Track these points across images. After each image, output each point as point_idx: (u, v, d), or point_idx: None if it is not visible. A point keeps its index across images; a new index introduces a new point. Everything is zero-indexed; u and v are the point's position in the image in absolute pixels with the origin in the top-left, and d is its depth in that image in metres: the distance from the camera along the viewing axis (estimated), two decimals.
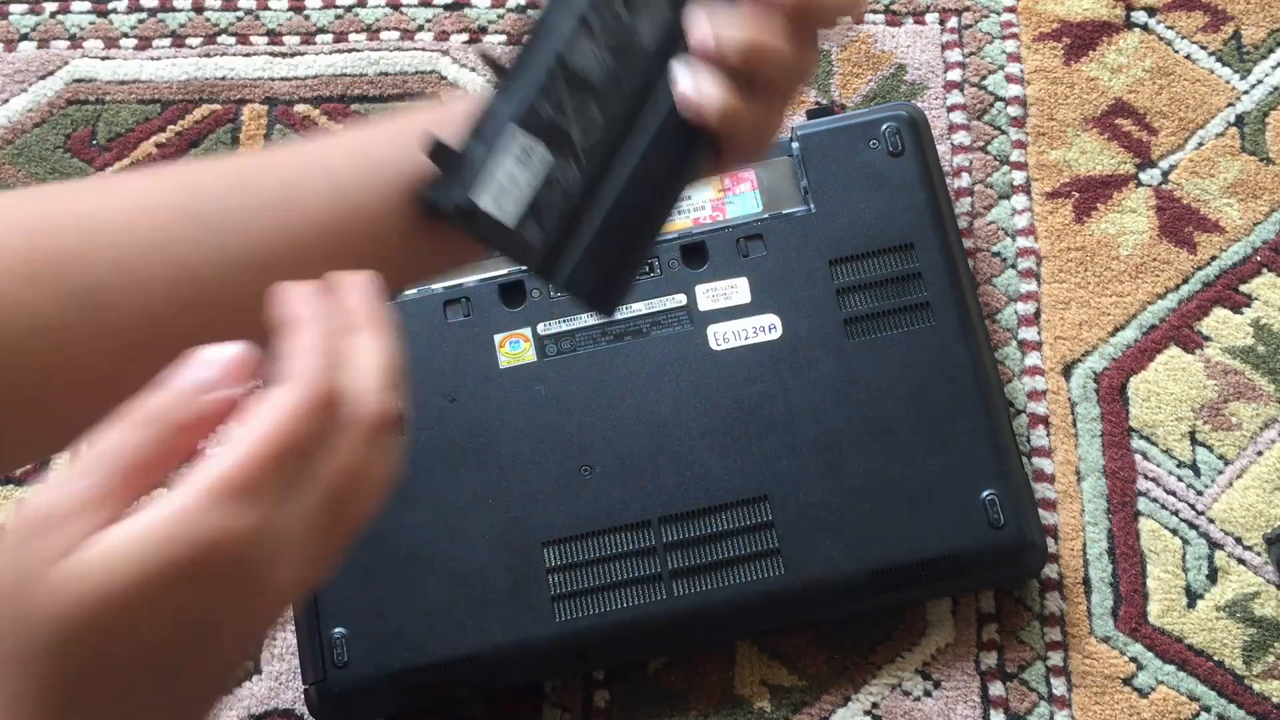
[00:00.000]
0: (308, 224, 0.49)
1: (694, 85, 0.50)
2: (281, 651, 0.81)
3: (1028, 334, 0.85)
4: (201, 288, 0.48)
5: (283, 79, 0.95)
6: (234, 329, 0.48)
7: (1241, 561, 0.80)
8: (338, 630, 0.76)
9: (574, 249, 0.50)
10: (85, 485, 0.38)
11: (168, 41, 0.96)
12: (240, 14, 0.97)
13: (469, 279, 0.83)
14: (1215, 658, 0.78)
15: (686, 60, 0.51)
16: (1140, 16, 0.93)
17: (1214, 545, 0.80)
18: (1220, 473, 0.82)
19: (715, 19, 0.50)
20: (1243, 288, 0.86)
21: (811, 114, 0.88)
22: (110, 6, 0.97)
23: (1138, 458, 0.82)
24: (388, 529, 0.78)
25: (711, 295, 0.82)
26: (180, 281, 0.48)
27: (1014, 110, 0.91)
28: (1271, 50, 0.92)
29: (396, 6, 0.97)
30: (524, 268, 0.51)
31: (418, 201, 0.50)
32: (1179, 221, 0.88)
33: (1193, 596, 0.80)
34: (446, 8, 0.96)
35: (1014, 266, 0.87)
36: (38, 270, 0.46)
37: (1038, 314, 0.86)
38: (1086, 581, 0.80)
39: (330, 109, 0.94)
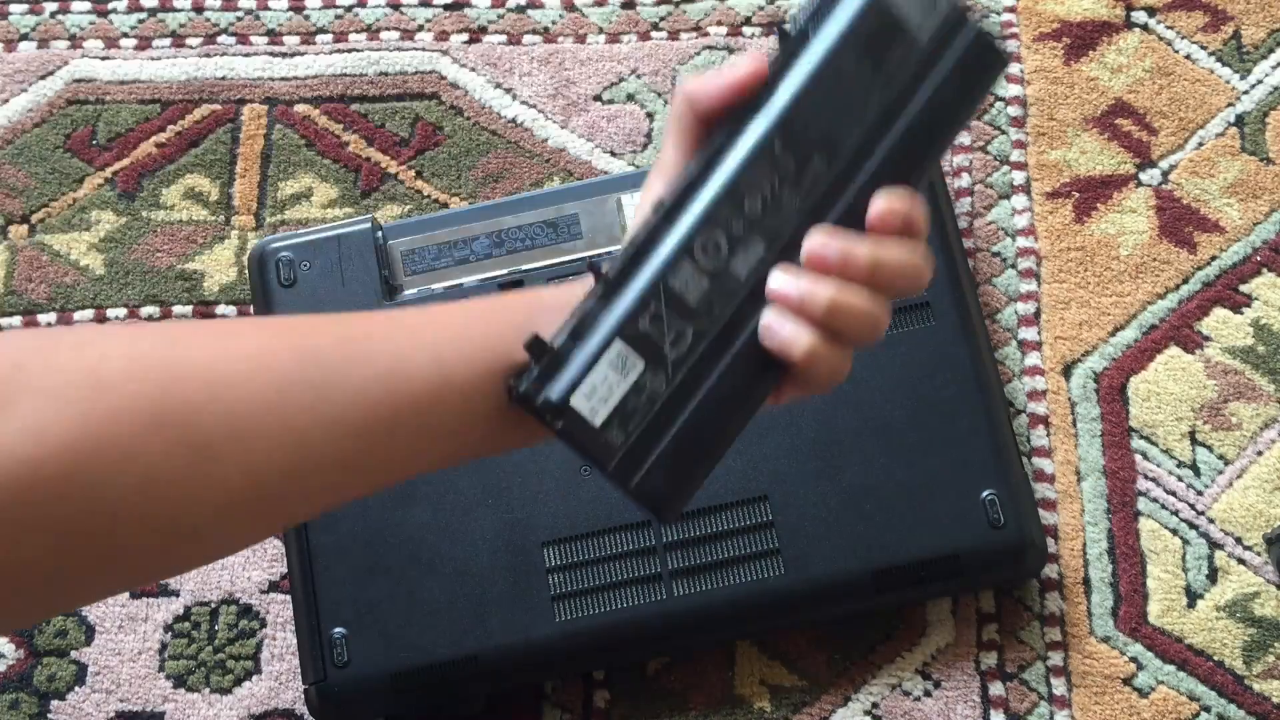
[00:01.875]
0: (410, 400, 0.52)
1: (785, 328, 0.53)
2: (281, 651, 0.81)
3: (1028, 334, 0.85)
4: (305, 450, 0.50)
5: (283, 79, 0.95)
6: (328, 492, 0.53)
7: (1241, 561, 0.80)
8: (338, 630, 0.76)
9: (649, 457, 0.53)
10: None
11: (168, 41, 0.96)
12: (240, 14, 0.97)
13: (469, 279, 0.83)
14: (1215, 658, 0.78)
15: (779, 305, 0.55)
16: (1140, 16, 0.93)
17: (1214, 545, 0.81)
18: (1220, 473, 0.82)
19: (804, 277, 0.54)
20: (1243, 288, 0.86)
21: None
22: (110, 6, 0.97)
23: (1138, 458, 0.82)
24: (388, 529, 0.78)
25: None
26: (285, 442, 0.50)
27: (1014, 110, 0.91)
28: (1271, 50, 0.92)
29: (396, 6, 0.97)
30: (598, 469, 0.53)
31: (510, 390, 0.53)
32: (1179, 221, 0.88)
33: (1193, 596, 0.80)
34: (446, 8, 0.96)
35: (1014, 266, 0.87)
36: (161, 419, 0.47)
37: (1038, 314, 0.86)
38: (1086, 581, 0.80)
39: (330, 109, 0.94)
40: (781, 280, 0.54)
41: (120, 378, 0.47)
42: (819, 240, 0.54)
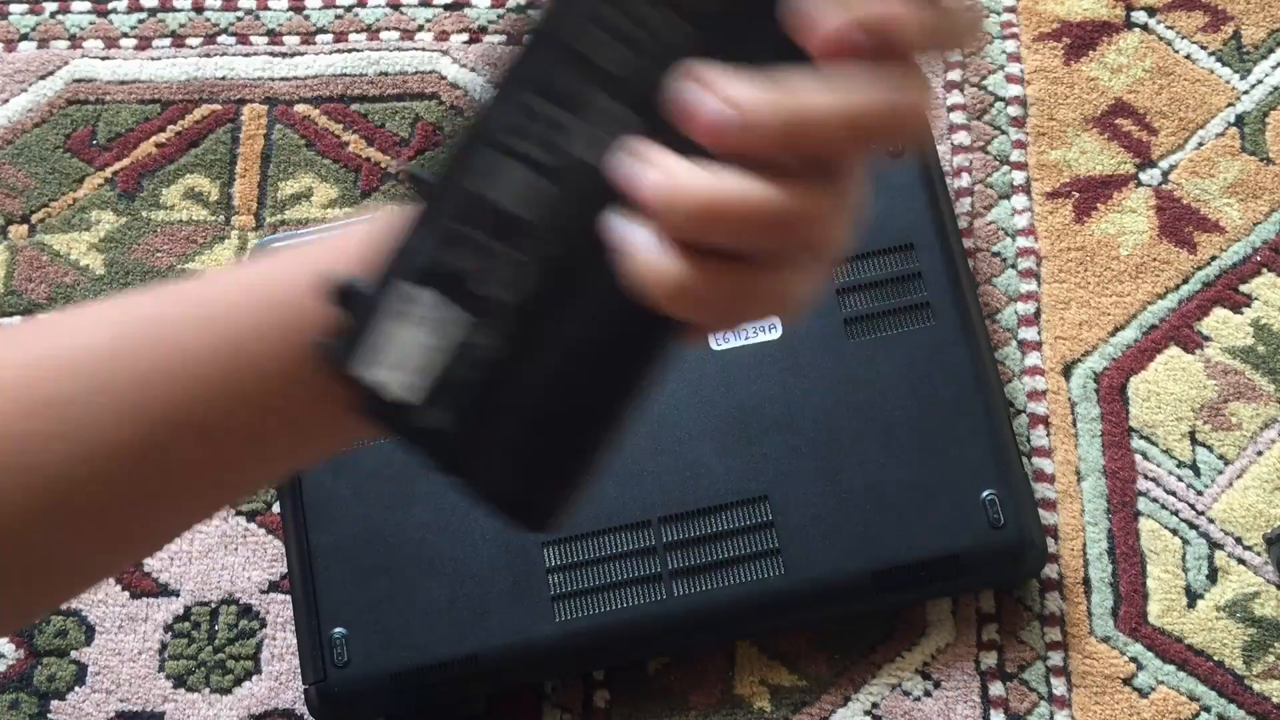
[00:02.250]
0: (192, 398, 0.39)
1: (637, 245, 0.33)
2: (281, 651, 0.81)
3: (1028, 334, 0.85)
4: (60, 492, 0.39)
5: (283, 79, 0.95)
6: (108, 538, 0.41)
7: (1241, 561, 0.80)
8: (338, 630, 0.76)
9: (489, 445, 0.37)
10: None
11: (168, 41, 0.96)
12: (240, 14, 0.97)
13: None
14: (1215, 658, 0.78)
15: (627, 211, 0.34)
16: (1140, 16, 0.93)
17: (1214, 545, 0.80)
18: (1220, 473, 0.82)
19: (661, 157, 0.33)
20: (1243, 288, 0.86)
21: None
22: (110, 6, 0.97)
23: (1138, 458, 0.82)
24: (388, 529, 0.78)
25: None
26: (34, 487, 0.38)
27: (1014, 110, 0.91)
28: (1271, 50, 0.92)
29: (396, 6, 0.97)
30: (430, 462, 0.38)
31: (322, 359, 0.37)
32: (1179, 221, 0.88)
33: (1193, 596, 0.80)
34: (446, 8, 0.96)
35: (1014, 266, 0.87)
36: None
37: (1038, 314, 0.86)
38: (1086, 581, 0.80)
39: (330, 109, 0.94)
40: (630, 165, 0.33)
41: None
42: (693, 87, 0.32)
